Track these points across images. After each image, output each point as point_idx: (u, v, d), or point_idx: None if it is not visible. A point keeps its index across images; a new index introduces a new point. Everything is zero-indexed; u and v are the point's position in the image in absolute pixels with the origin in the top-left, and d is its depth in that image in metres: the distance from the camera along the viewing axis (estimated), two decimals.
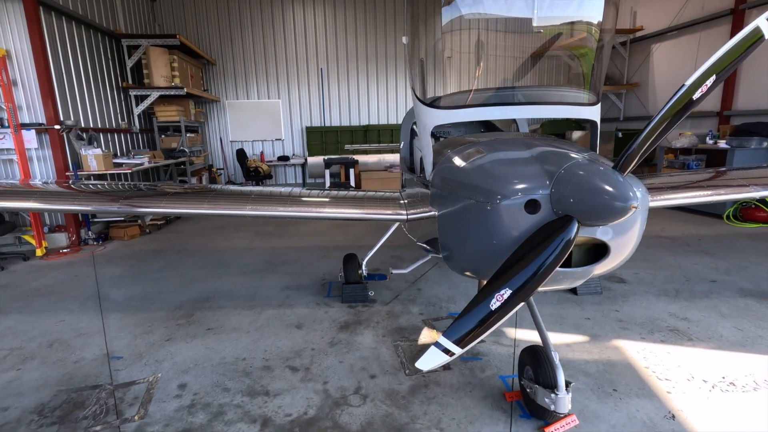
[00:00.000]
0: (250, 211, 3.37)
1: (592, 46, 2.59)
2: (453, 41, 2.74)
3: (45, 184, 4.54)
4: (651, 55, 9.65)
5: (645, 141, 1.67)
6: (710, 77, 1.62)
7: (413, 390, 2.71)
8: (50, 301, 4.29)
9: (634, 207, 1.56)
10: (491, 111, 2.53)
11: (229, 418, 2.49)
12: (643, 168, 9.84)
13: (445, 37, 2.65)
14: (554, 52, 2.94)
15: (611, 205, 1.59)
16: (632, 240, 1.96)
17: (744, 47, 1.61)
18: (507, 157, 2.12)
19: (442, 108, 2.63)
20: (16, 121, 5.84)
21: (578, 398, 2.58)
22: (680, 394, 2.61)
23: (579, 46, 2.73)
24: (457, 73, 2.98)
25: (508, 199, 1.89)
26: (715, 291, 4.15)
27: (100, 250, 6.22)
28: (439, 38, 2.68)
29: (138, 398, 2.69)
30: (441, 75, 2.84)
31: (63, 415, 2.54)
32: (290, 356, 3.15)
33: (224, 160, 11.52)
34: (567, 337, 3.32)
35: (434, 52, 2.77)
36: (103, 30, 7.64)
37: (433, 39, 2.71)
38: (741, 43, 1.61)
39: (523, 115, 2.55)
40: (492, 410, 2.50)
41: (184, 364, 3.08)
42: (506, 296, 1.79)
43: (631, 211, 1.57)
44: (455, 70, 2.95)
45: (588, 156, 1.94)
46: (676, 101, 1.63)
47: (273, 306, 4.05)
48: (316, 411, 2.53)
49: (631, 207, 1.56)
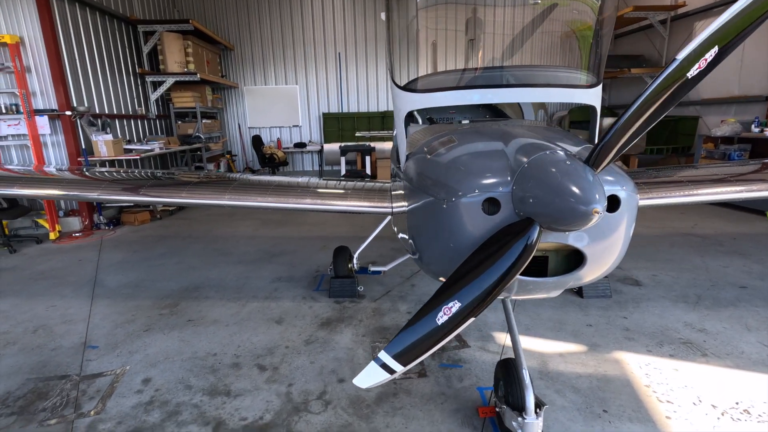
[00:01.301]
0: (228, 200, 3.26)
1: (592, 20, 2.24)
2: (429, 16, 2.45)
3: (60, 171, 4.61)
4: (693, 34, 8.79)
5: (624, 130, 1.36)
6: (711, 49, 1.29)
7: (380, 398, 2.52)
8: (48, 285, 4.37)
9: (596, 212, 1.27)
10: (470, 94, 2.23)
11: (182, 418, 2.38)
12: (679, 159, 9.10)
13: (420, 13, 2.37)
14: (547, 26, 2.58)
15: (571, 208, 1.30)
16: (614, 247, 1.66)
17: (758, 12, 1.27)
18: (471, 149, 1.85)
19: (417, 91, 2.36)
20: (30, 107, 5.98)
21: (561, 419, 2.31)
22: (681, 420, 2.28)
23: (576, 20, 2.37)
24: (435, 52, 2.68)
25: (464, 197, 1.63)
26: (744, 299, 3.69)
27: (110, 234, 6.33)
28: (414, 16, 2.40)
29: (100, 392, 2.63)
30: (416, 55, 2.56)
31: (24, 406, 2.51)
32: (262, 353, 3.02)
33: (242, 146, 11.56)
34: (562, 346, 3.02)
35: (409, 29, 2.48)
36: (118, 16, 7.70)
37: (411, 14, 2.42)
38: (752, 6, 1.26)
39: (506, 99, 2.25)
40: (460, 427, 2.27)
41: (155, 357, 3.01)
42: (454, 310, 1.55)
43: (594, 217, 1.28)
44: (432, 50, 2.66)
45: (569, 147, 1.64)
46: (665, 79, 1.31)
47: (259, 298, 3.94)
48: (273, 416, 2.38)
49: (593, 212, 1.27)
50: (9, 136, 6.16)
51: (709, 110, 8.54)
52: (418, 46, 2.58)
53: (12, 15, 5.89)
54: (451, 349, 3.02)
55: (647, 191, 3.03)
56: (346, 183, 3.51)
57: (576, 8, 2.37)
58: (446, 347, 3.05)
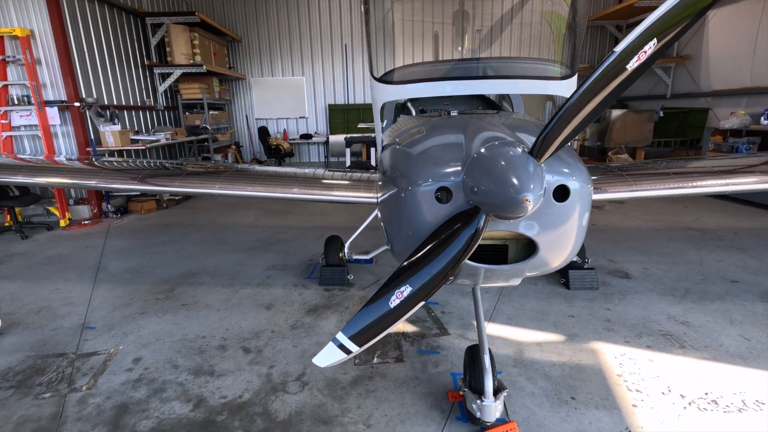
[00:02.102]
0: (219, 190, 3.37)
1: (564, 12, 2.25)
2: (404, 9, 2.47)
3: (70, 161, 4.80)
4: (706, 23, 8.56)
5: (565, 122, 1.40)
6: (649, 41, 1.31)
7: (356, 381, 2.61)
8: (55, 270, 4.56)
9: (526, 200, 1.31)
10: (441, 86, 2.27)
11: (167, 395, 2.51)
12: (688, 151, 8.93)
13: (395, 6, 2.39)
14: (522, 19, 2.58)
15: (506, 197, 1.35)
16: (566, 236, 1.70)
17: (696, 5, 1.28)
18: (432, 142, 1.90)
19: (392, 83, 2.41)
20: (40, 98, 6.18)
21: (529, 404, 2.37)
22: (648, 408, 2.32)
23: (550, 12, 2.38)
24: (409, 44, 2.71)
25: (419, 186, 1.69)
26: (734, 293, 3.67)
27: (117, 222, 6.54)
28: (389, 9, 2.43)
29: (93, 369, 2.78)
30: (392, 47, 2.59)
31: (22, 380, 2.68)
32: (248, 337, 3.14)
33: (249, 137, 11.71)
34: (540, 336, 3.06)
35: (384, 22, 2.52)
36: (126, 8, 7.84)
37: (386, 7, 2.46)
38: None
39: (477, 90, 2.28)
40: (429, 410, 2.35)
41: (147, 338, 3.15)
42: (406, 294, 1.62)
43: (525, 205, 1.32)
44: (406, 42, 2.68)
45: (527, 139, 1.67)
46: (603, 72, 1.33)
47: (252, 285, 4.06)
48: (252, 395, 2.49)
49: (524, 200, 1.31)
50: (21, 126, 6.38)
51: (720, 102, 8.33)
52: (393, 38, 2.62)
53: (23, 8, 6.07)
54: (431, 336, 3.09)
55: (631, 184, 3.04)
56: (334, 173, 3.59)
57: (550, 1, 2.38)
58: (426, 334, 3.13)
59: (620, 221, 5.98)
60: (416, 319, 3.33)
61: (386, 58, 2.53)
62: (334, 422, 2.27)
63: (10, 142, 6.32)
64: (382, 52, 2.52)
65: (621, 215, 6.30)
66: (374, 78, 2.44)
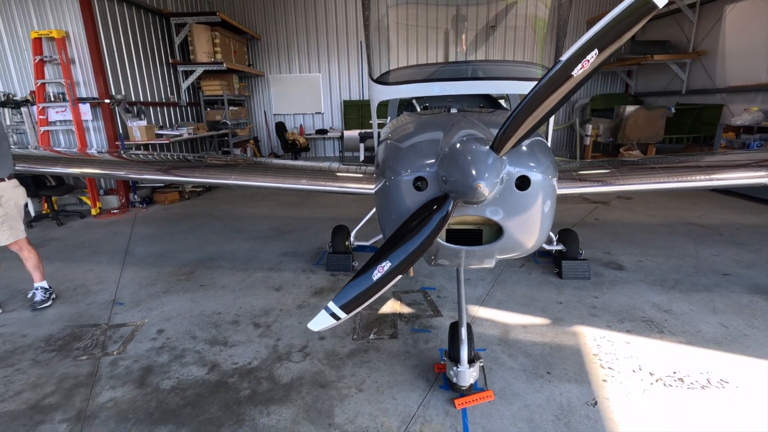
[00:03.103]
0: (234, 180, 3.71)
1: (545, 16, 2.45)
2: (400, 14, 2.70)
3: (101, 153, 5.24)
4: (723, 18, 8.46)
5: (519, 120, 1.61)
6: (591, 51, 1.52)
7: (353, 353, 2.89)
8: (87, 253, 5.00)
9: (479, 186, 1.55)
10: (430, 87, 2.51)
11: (186, 360, 2.85)
12: (702, 148, 8.87)
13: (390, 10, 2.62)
14: (507, 23, 2.78)
15: (463, 183, 1.59)
16: (530, 222, 1.92)
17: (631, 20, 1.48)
18: (417, 137, 2.13)
19: (386, 84, 2.66)
20: (74, 95, 6.65)
21: (507, 377, 2.60)
22: (616, 384, 2.53)
23: (532, 15, 2.58)
24: (404, 47, 2.93)
25: (399, 176, 1.94)
26: (723, 285, 3.80)
27: (142, 212, 7.00)
28: (384, 13, 2.66)
29: (123, 337, 3.15)
30: (387, 49, 2.83)
31: (62, 345, 3.06)
32: (259, 314, 3.46)
33: (268, 132, 12.11)
34: (527, 319, 3.28)
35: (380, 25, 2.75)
36: (153, 10, 8.28)
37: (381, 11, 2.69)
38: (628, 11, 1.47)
39: (463, 90, 2.48)
40: (416, 378, 2.61)
41: (169, 313, 3.51)
42: (386, 269, 1.88)
43: (479, 191, 1.56)
44: (402, 45, 2.91)
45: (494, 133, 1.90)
46: (551, 78, 1.55)
47: (264, 269, 4.39)
48: (259, 362, 2.81)
49: (476, 186, 1.55)
50: (57, 121, 6.88)
51: (736, 98, 8.25)
52: (388, 41, 2.86)
53: (59, 12, 6.54)
54: (425, 317, 3.35)
55: (613, 179, 3.23)
56: (340, 167, 3.88)
57: (533, 5, 2.57)
58: (421, 315, 3.38)
59: (624, 216, 6.09)
60: (413, 302, 3.59)
61: (381, 61, 2.77)
62: (330, 386, 2.56)
63: (47, 137, 6.83)
64: (378, 55, 2.76)
65: (626, 210, 6.39)
66: (371, 79, 2.70)
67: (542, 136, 2.31)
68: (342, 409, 2.37)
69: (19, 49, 6.78)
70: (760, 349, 2.84)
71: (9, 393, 2.56)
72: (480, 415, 2.30)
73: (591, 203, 6.84)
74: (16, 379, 2.68)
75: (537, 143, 1.99)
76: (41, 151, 5.15)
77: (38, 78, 6.57)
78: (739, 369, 2.63)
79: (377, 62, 2.72)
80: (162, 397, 2.49)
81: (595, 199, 7.06)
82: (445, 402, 2.40)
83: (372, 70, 2.73)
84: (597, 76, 11.76)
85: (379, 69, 2.68)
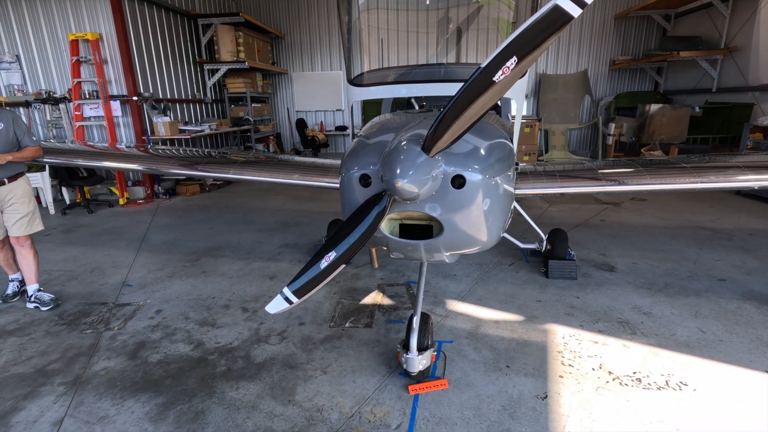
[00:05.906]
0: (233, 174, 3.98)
1: (509, 17, 2.52)
2: (371, 17, 2.82)
3: (129, 148, 5.68)
4: (758, 12, 8.01)
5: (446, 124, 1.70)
6: (509, 59, 1.59)
7: (327, 339, 3.07)
8: (109, 239, 5.44)
9: (398, 184, 1.68)
10: (398, 89, 2.64)
11: (175, 338, 3.12)
12: (731, 148, 8.45)
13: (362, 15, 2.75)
14: (471, 26, 2.85)
15: (390, 181, 1.73)
16: (468, 219, 2.03)
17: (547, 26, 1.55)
18: (373, 137, 2.26)
19: (360, 86, 2.81)
20: (106, 93, 7.17)
21: (466, 368, 2.71)
22: (572, 380, 2.58)
23: (499, 18, 2.65)
24: (376, 50, 3.04)
25: (350, 173, 2.09)
26: (714, 290, 3.71)
27: (165, 202, 7.46)
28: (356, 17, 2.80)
29: (125, 315, 3.47)
30: (359, 53, 2.96)
31: (72, 320, 3.41)
32: (249, 300, 3.70)
33: (290, 128, 12.48)
34: (501, 315, 3.36)
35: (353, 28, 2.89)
36: (180, 11, 8.74)
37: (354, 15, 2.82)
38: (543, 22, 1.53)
39: (428, 92, 2.58)
40: (378, 365, 2.76)
41: (169, 295, 3.82)
42: (332, 258, 2.04)
43: (400, 188, 1.69)
44: (374, 48, 3.02)
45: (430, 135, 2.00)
46: (472, 83, 1.63)
47: (263, 259, 4.65)
48: (239, 343, 3.04)
49: (396, 184, 1.68)
50: (91, 117, 7.44)
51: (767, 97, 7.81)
52: (360, 44, 2.99)
53: (93, 15, 7.06)
54: (402, 309, 3.49)
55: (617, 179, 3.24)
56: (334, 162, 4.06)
57: (497, 8, 2.64)
58: (399, 307, 3.52)
59: (631, 218, 5.96)
60: (394, 294, 3.74)
61: (354, 64, 2.92)
62: (298, 368, 2.76)
63: (82, 131, 7.40)
64: (351, 58, 2.91)
65: (636, 212, 6.24)
66: (348, 80, 2.85)
67: (507, 137, 2.40)
68: (304, 388, 2.56)
69: (58, 50, 7.37)
70: (732, 355, 2.80)
71: (21, 358, 2.91)
72: (430, 401, 2.42)
73: (601, 204, 6.72)
74: (29, 347, 3.04)
75: (492, 145, 2.09)
76: (76, 145, 5.64)
77: (75, 77, 7.13)
78: (702, 373, 2.62)
79: (352, 65, 2.86)
80: (148, 369, 2.77)
81: (607, 200, 6.92)
82: (400, 387, 2.54)
83: (348, 73, 2.88)
84: (625, 73, 11.38)
85: (353, 72, 2.83)
